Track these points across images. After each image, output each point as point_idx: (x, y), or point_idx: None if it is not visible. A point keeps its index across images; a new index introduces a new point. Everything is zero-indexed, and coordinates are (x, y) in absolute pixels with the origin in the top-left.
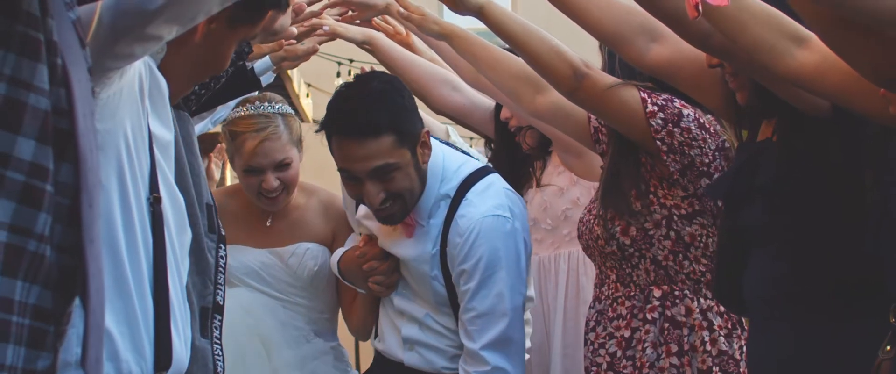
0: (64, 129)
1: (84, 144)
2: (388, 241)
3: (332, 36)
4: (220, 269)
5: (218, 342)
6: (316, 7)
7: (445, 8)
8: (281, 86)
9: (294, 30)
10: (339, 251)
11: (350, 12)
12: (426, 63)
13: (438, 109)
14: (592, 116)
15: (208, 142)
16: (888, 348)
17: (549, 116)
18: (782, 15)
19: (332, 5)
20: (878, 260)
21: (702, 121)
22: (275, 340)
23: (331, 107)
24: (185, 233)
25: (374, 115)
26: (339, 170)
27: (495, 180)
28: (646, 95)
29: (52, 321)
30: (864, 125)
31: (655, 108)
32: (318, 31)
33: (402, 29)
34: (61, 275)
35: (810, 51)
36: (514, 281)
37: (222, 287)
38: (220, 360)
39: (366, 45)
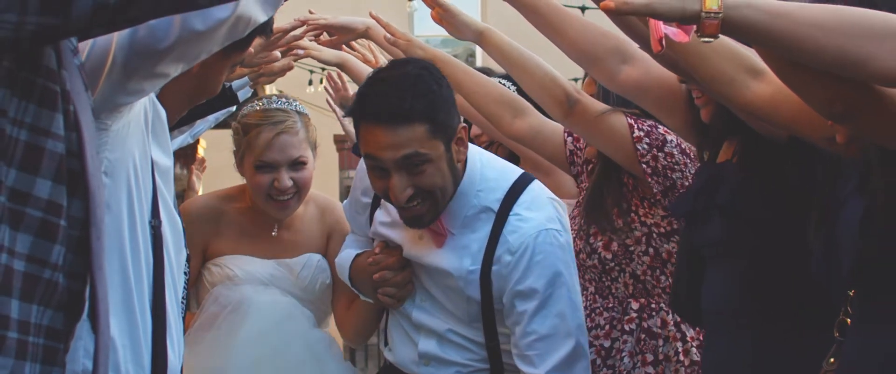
0: (75, 169)
1: (93, 182)
2: (415, 250)
3: (307, 55)
4: (184, 285)
5: None
6: (298, 31)
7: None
8: (253, 92)
9: (277, 53)
10: (350, 254)
11: (328, 36)
12: None
13: None
14: (568, 140)
15: (190, 154)
16: (831, 360)
17: (527, 139)
18: (740, 48)
19: (313, 29)
20: (825, 281)
21: (683, 146)
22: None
23: (361, 91)
24: (181, 253)
25: (408, 100)
26: (365, 157)
27: (539, 189)
28: (632, 121)
29: (62, 339)
30: (818, 151)
31: (642, 133)
32: (294, 51)
33: (371, 57)
34: (70, 298)
35: (766, 83)
36: (574, 296)
37: (184, 302)
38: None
39: (339, 68)
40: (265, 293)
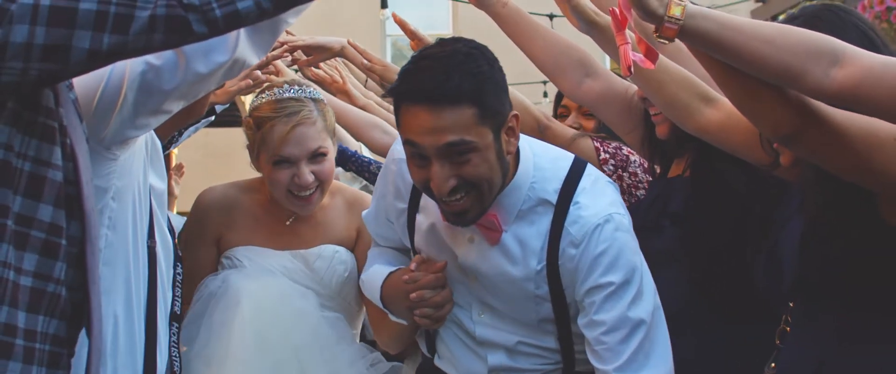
0: (72, 194)
1: (88, 205)
2: (468, 257)
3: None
4: (177, 283)
5: (176, 346)
6: (276, 51)
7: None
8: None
9: (260, 74)
10: (379, 271)
11: (305, 55)
12: (358, 110)
13: (373, 150)
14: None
15: (166, 161)
16: (773, 365)
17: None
18: (694, 77)
19: (291, 49)
20: (768, 293)
21: (645, 165)
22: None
23: (404, 68)
24: (171, 269)
25: (455, 79)
26: (405, 143)
27: (595, 173)
28: (599, 144)
29: (65, 345)
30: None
31: (607, 155)
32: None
33: (338, 78)
34: (72, 309)
35: (717, 110)
36: (645, 282)
37: (179, 299)
38: (176, 360)
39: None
40: (259, 279)
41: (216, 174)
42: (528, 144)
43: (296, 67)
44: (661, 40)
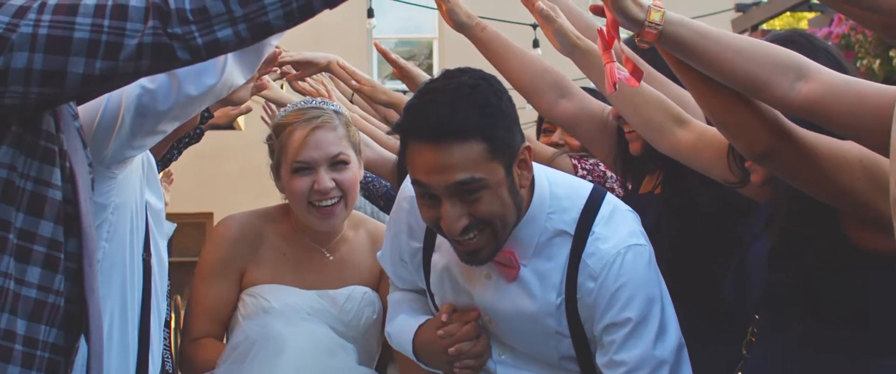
0: (71, 213)
1: (86, 223)
2: (486, 296)
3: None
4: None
5: (167, 348)
6: (266, 69)
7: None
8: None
9: (249, 103)
10: (407, 324)
11: (293, 70)
12: None
13: None
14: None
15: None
16: (740, 373)
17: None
18: (668, 100)
19: (279, 65)
20: (735, 306)
21: (620, 180)
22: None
23: (409, 104)
24: (165, 284)
25: (462, 114)
26: (413, 183)
27: (615, 201)
28: (576, 162)
29: (63, 353)
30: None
31: (585, 172)
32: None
33: (324, 92)
34: (70, 319)
35: (689, 131)
36: (667, 316)
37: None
38: (168, 361)
39: (274, 101)
40: (300, 326)
41: (206, 176)
42: (543, 173)
43: (283, 80)
44: (643, 44)
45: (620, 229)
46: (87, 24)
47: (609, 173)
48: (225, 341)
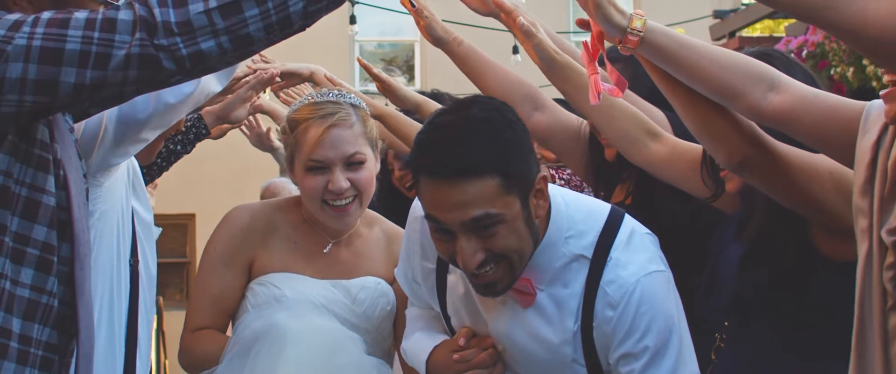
0: (64, 219)
1: (78, 229)
2: (500, 323)
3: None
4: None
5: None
6: (250, 77)
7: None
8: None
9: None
10: (422, 344)
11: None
12: None
13: None
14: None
15: None
16: None
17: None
18: (642, 114)
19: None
20: (706, 313)
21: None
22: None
23: (419, 140)
24: (152, 287)
25: (475, 149)
26: (427, 218)
27: (633, 224)
28: (554, 171)
29: (56, 352)
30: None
31: (563, 182)
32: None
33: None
34: (63, 320)
35: (662, 145)
36: (685, 345)
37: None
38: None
39: (267, 114)
40: (306, 319)
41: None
42: (560, 195)
43: (268, 90)
44: (625, 49)
45: (639, 254)
46: (79, 36)
47: (584, 183)
48: (230, 332)
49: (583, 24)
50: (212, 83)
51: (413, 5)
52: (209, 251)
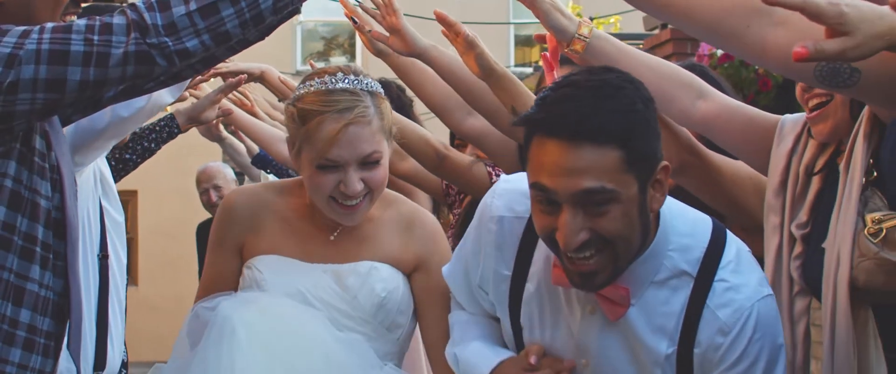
0: (59, 219)
1: (71, 226)
2: (584, 334)
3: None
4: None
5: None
6: (205, 76)
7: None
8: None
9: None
10: (482, 354)
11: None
12: (266, 125)
13: (280, 162)
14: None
15: None
16: None
17: (410, 179)
18: None
19: (217, 75)
20: None
21: None
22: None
23: (543, 96)
24: (123, 277)
25: (602, 114)
26: (531, 186)
27: (736, 241)
28: (491, 168)
29: (53, 338)
30: None
31: (497, 178)
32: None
33: (247, 102)
34: (58, 309)
35: None
36: (782, 364)
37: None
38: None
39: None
40: (251, 302)
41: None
42: (665, 204)
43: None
44: (572, 54)
45: (751, 276)
46: (81, 39)
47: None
48: None
49: (541, 39)
50: (163, 96)
51: (354, 21)
52: (209, 236)
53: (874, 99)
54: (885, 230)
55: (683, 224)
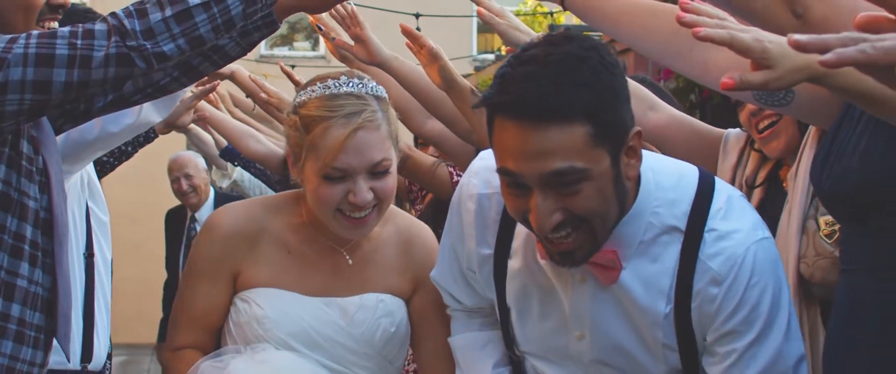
0: (47, 218)
1: (58, 223)
2: (579, 303)
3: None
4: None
5: None
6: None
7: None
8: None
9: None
10: (481, 363)
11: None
12: (235, 121)
13: (249, 157)
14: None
15: None
16: None
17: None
18: None
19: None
20: None
21: None
22: None
23: (501, 73)
24: (108, 278)
25: (566, 92)
26: (499, 171)
27: (727, 188)
28: (452, 169)
29: (43, 331)
30: None
31: (458, 179)
32: None
33: (221, 106)
34: (47, 304)
35: None
36: (793, 321)
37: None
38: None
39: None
40: (260, 363)
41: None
42: (647, 161)
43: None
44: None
45: (742, 220)
46: (65, 43)
47: None
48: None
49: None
50: (151, 114)
51: (320, 28)
52: (189, 261)
53: (807, 116)
54: (837, 232)
55: (667, 179)
